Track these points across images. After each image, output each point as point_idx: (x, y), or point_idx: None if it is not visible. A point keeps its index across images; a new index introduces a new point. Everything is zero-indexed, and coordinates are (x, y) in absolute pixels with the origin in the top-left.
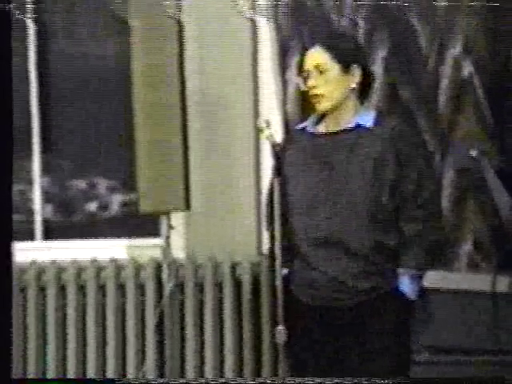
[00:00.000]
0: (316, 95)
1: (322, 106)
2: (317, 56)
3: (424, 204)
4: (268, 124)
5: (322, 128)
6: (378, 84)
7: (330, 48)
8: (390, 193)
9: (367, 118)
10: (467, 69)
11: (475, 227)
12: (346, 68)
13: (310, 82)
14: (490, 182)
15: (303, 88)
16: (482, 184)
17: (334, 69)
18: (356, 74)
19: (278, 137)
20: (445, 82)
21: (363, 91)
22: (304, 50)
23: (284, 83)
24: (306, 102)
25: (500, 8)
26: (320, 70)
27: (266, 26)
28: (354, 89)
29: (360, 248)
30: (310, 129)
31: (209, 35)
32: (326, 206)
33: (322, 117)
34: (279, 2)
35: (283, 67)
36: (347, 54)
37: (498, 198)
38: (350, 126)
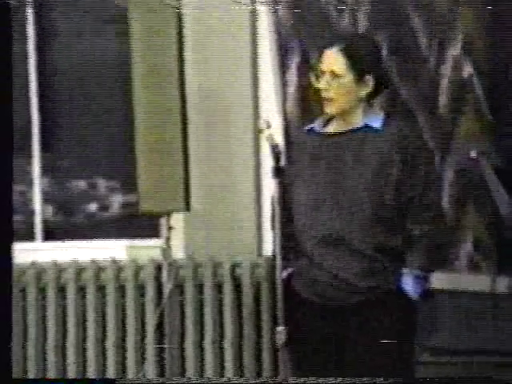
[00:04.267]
0: (325, 98)
1: (330, 109)
2: (335, 60)
3: (431, 205)
4: (268, 125)
5: (329, 128)
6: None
7: (349, 54)
8: (394, 193)
9: (375, 119)
10: (467, 69)
11: (475, 227)
12: (360, 77)
13: (322, 84)
14: (489, 182)
15: (316, 85)
16: (482, 184)
17: (348, 77)
18: (368, 84)
19: (278, 137)
20: (445, 82)
21: (373, 94)
22: (320, 48)
23: (284, 83)
24: (312, 101)
25: (500, 8)
26: (335, 75)
27: (266, 26)
28: (363, 97)
29: (363, 247)
30: (318, 129)
31: (209, 35)
32: (330, 205)
33: (330, 118)
34: (279, 2)
35: (283, 68)
36: (364, 63)
37: (498, 198)
38: (357, 126)
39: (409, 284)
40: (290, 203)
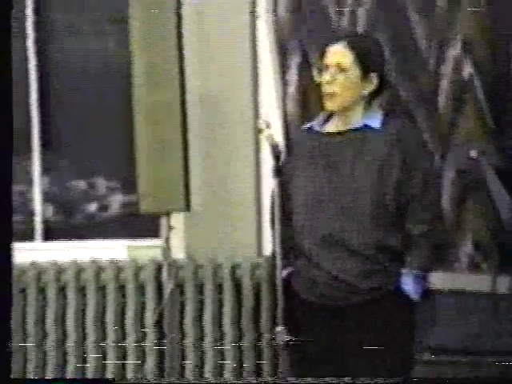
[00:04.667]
0: (328, 92)
1: (332, 105)
2: (341, 53)
3: (430, 205)
4: (268, 125)
5: (328, 127)
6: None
7: (356, 49)
8: (393, 193)
9: (375, 119)
10: (467, 69)
11: (475, 228)
12: (365, 74)
13: (327, 77)
14: (489, 183)
15: (318, 80)
16: (482, 184)
17: (354, 71)
18: (373, 82)
19: (278, 137)
20: (445, 82)
21: (374, 94)
22: (325, 43)
23: (284, 83)
24: (309, 101)
25: (500, 8)
26: (341, 68)
27: (266, 26)
28: (366, 95)
29: (363, 247)
30: (317, 128)
31: (209, 35)
32: (330, 205)
33: (329, 116)
34: (279, 2)
35: (283, 68)
36: (370, 61)
37: (498, 198)
38: (357, 125)
39: (408, 284)
40: (288, 202)
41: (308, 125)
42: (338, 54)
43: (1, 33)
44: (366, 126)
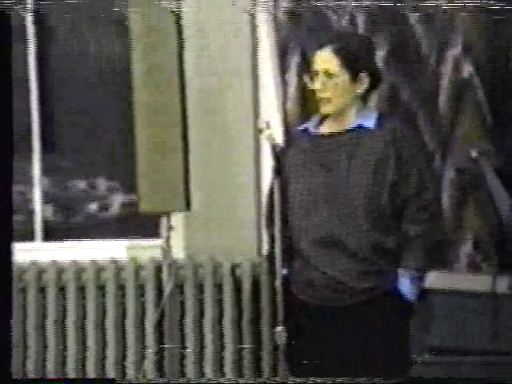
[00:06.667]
0: (323, 97)
1: (326, 109)
2: (327, 60)
3: (426, 205)
4: (268, 125)
5: (323, 129)
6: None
7: (341, 54)
8: (389, 194)
9: (369, 119)
10: (467, 69)
11: (475, 228)
12: (354, 75)
13: (317, 85)
14: (489, 183)
15: (310, 87)
16: (482, 184)
17: (343, 76)
18: (364, 82)
19: (278, 137)
20: (445, 82)
21: (368, 93)
22: (312, 50)
23: (284, 84)
24: (308, 101)
25: (500, 9)
26: (329, 74)
27: (266, 27)
28: (359, 94)
29: (359, 248)
30: (312, 129)
31: (209, 35)
32: (325, 206)
33: (323, 118)
34: (279, 2)
35: (283, 68)
36: (358, 62)
37: (498, 198)
38: (351, 126)
39: (405, 285)
40: (284, 203)
41: (303, 126)
42: (325, 60)
43: (1, 34)
44: (360, 126)
